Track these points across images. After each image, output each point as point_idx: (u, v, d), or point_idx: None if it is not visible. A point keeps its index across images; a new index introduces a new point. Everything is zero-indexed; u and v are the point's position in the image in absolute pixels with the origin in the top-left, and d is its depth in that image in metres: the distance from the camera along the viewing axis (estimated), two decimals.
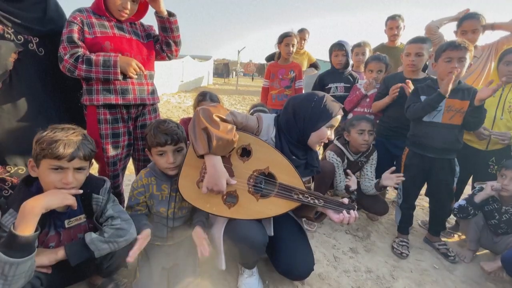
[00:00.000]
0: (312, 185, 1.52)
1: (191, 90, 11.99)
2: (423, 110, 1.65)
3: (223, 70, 22.49)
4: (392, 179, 1.75)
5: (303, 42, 3.41)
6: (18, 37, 1.26)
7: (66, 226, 1.09)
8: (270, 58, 3.33)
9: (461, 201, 1.73)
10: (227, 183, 1.14)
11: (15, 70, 1.25)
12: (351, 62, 2.50)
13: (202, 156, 1.13)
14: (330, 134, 1.30)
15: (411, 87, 1.86)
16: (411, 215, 1.88)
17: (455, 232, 2.08)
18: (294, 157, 1.29)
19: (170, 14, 1.46)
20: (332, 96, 2.33)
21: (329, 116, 1.26)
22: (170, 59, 1.62)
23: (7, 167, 1.31)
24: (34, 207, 0.89)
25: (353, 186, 1.87)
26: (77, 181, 1.03)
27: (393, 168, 1.79)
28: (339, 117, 1.30)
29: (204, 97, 1.90)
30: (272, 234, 1.32)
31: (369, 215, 2.20)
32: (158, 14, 1.44)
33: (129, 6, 1.36)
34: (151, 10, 1.48)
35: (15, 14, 1.24)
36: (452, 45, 1.57)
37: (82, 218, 1.12)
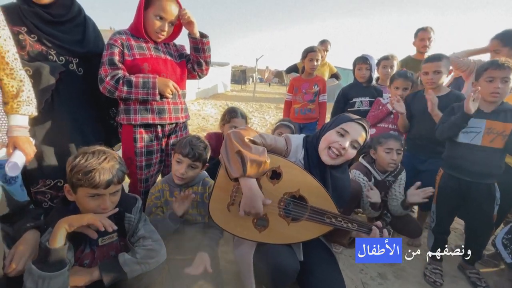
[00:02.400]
0: None
1: (209, 97, 12.19)
2: (449, 130, 1.58)
3: (240, 76, 22.76)
4: (419, 195, 1.65)
5: (324, 53, 3.37)
6: (60, 58, 1.33)
7: (100, 243, 1.11)
8: (290, 70, 3.33)
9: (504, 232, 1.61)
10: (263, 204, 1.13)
11: (56, 89, 1.32)
12: (375, 76, 2.44)
13: (235, 179, 1.13)
14: (342, 141, 1.19)
15: (432, 97, 1.80)
16: (445, 240, 1.78)
17: (494, 260, 1.94)
18: (323, 179, 1.26)
19: (203, 35, 1.51)
20: (357, 110, 2.36)
21: (340, 120, 1.23)
22: (200, 78, 1.67)
23: (46, 180, 1.37)
24: (60, 223, 0.92)
25: (374, 199, 1.77)
26: (113, 203, 1.06)
27: (418, 183, 1.70)
28: (355, 126, 1.21)
29: (236, 114, 1.91)
30: (302, 259, 1.28)
31: (409, 241, 2.09)
32: (191, 36, 1.48)
33: (166, 29, 1.41)
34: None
35: (57, 36, 1.31)
36: (494, 64, 1.49)
37: (114, 237, 1.14)
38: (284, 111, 2.70)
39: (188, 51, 1.59)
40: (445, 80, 2.08)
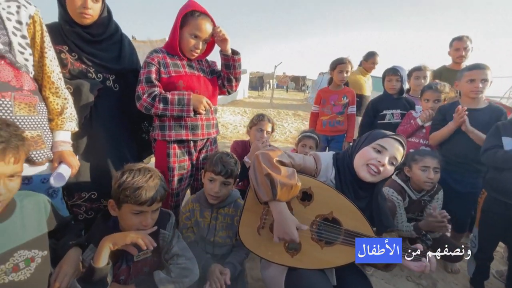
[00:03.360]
0: None
1: (228, 103, 12.34)
2: (504, 163, 1.44)
3: (257, 83, 22.90)
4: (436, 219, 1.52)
5: (374, 66, 3.14)
6: (98, 75, 1.38)
7: (135, 259, 1.12)
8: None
9: None
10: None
11: (94, 105, 1.37)
12: (405, 88, 2.35)
13: (265, 203, 1.10)
14: (381, 158, 1.13)
15: (462, 114, 1.70)
16: (488, 267, 1.64)
17: None
18: (358, 200, 1.20)
19: (235, 52, 1.52)
20: (387, 123, 2.27)
21: (375, 136, 1.17)
22: (229, 93, 1.68)
23: (82, 193, 1.41)
24: (105, 241, 0.94)
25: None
26: (153, 220, 1.08)
27: (434, 205, 1.63)
28: (392, 141, 1.15)
29: (263, 117, 1.94)
30: (335, 283, 1.22)
31: (446, 266, 1.96)
32: (223, 53, 1.50)
33: (200, 47, 1.44)
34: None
35: (96, 55, 1.36)
36: None
37: (149, 253, 1.15)
38: (310, 122, 2.65)
39: (219, 67, 1.61)
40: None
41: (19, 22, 1.06)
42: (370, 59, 3.10)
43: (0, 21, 1.01)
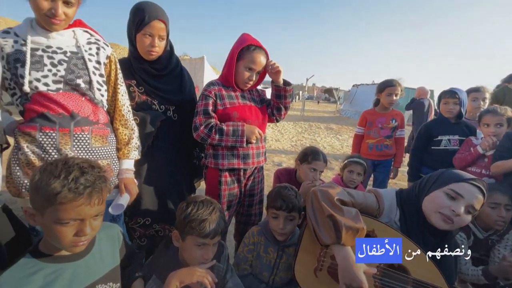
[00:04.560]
0: None
1: None
2: None
3: None
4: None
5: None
6: (161, 106, 1.47)
7: None
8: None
9: None
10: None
11: (156, 134, 1.45)
12: (464, 112, 2.15)
13: (325, 244, 1.05)
14: (455, 206, 1.01)
15: None
16: None
17: None
18: (425, 246, 1.09)
19: (287, 83, 1.54)
20: (443, 150, 2.09)
21: (448, 179, 1.05)
22: (277, 121, 1.68)
23: (138, 218, 1.49)
24: (172, 279, 0.95)
25: None
26: (213, 253, 1.09)
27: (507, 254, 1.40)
28: (470, 187, 1.01)
29: (319, 156, 1.73)
30: None
31: None
32: (275, 83, 1.53)
33: (254, 78, 1.48)
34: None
35: (160, 88, 1.46)
36: None
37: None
38: (354, 145, 2.54)
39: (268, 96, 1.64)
40: None
41: (98, 62, 1.17)
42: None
43: (83, 62, 1.12)
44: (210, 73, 7.96)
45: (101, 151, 1.18)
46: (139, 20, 1.30)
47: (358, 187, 1.99)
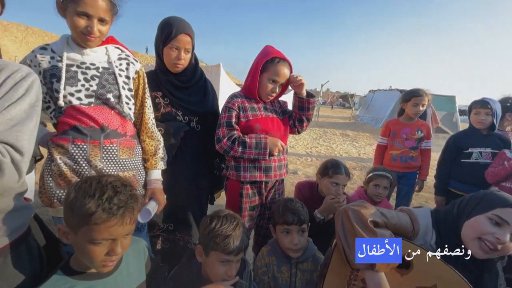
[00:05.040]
0: None
1: None
2: None
3: None
4: None
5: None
6: (185, 117, 1.48)
7: None
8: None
9: None
10: None
11: (180, 144, 1.46)
12: (497, 123, 2.04)
13: (357, 268, 1.00)
14: (500, 234, 0.93)
15: None
16: None
17: None
18: (464, 273, 1.01)
19: (310, 95, 1.52)
20: (474, 163, 1.98)
21: (493, 203, 0.96)
22: (299, 133, 1.67)
23: (161, 225, 1.50)
24: None
25: None
26: (236, 270, 1.07)
27: None
28: None
29: (340, 170, 1.64)
30: None
31: None
32: (298, 95, 1.51)
33: (277, 91, 1.48)
34: None
35: (184, 99, 1.47)
36: None
37: None
38: (376, 156, 2.45)
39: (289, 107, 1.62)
40: None
41: (128, 77, 1.20)
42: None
43: (114, 77, 1.15)
44: (225, 80, 8.05)
45: (127, 162, 1.20)
46: (167, 34, 1.33)
47: (383, 201, 1.92)
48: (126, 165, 1.19)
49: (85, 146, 1.07)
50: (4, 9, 0.95)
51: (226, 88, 6.84)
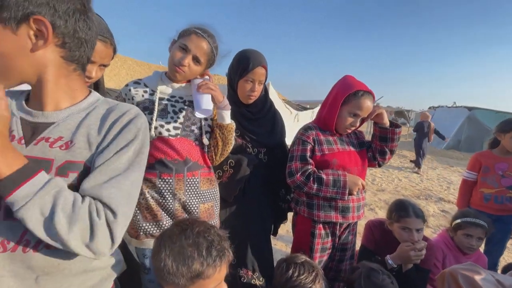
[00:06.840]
0: None
1: None
2: None
3: None
4: None
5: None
6: (254, 149, 1.45)
7: None
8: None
9: None
10: None
11: (248, 177, 1.43)
12: None
13: None
14: None
15: None
16: None
17: None
18: None
19: (395, 125, 1.37)
20: None
21: None
22: (379, 166, 1.50)
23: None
24: None
25: None
26: None
27: None
28: None
29: (407, 213, 1.46)
30: None
31: None
32: (379, 125, 1.38)
33: (357, 125, 1.36)
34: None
35: (254, 131, 1.45)
36: None
37: None
38: (462, 194, 2.09)
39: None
40: None
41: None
42: None
43: None
44: (275, 99, 8.11)
45: (207, 193, 1.21)
46: (243, 67, 1.34)
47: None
48: (206, 196, 1.21)
49: (170, 180, 1.10)
50: (114, 55, 1.07)
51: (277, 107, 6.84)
